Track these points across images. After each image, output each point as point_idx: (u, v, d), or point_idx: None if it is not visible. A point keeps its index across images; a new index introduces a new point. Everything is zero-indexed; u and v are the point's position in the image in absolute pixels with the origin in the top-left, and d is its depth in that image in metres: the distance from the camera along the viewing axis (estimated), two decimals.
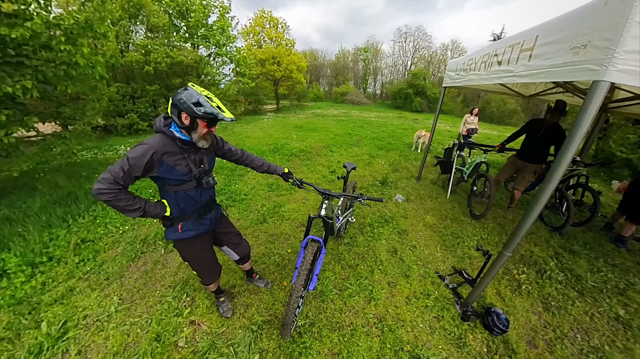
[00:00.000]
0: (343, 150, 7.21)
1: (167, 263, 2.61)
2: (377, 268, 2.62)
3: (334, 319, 2.03)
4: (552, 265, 2.87)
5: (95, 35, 3.92)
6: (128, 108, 8.99)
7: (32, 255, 2.56)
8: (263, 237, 3.03)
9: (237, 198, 3.98)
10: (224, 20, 12.16)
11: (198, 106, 1.25)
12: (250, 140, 7.92)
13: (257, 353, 1.74)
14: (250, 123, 11.84)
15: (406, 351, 1.84)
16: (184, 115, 1.27)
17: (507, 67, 2.34)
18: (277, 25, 18.89)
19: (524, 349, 1.95)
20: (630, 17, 1.19)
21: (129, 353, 1.75)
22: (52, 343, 1.79)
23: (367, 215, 3.64)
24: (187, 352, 1.75)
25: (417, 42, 35.50)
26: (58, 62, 3.49)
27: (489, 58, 2.78)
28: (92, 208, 3.50)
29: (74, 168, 4.96)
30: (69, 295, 2.19)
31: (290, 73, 18.29)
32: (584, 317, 2.27)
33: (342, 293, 2.28)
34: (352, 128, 10.82)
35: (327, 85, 40.82)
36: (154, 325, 1.92)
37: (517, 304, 2.35)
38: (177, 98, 1.26)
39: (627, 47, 1.24)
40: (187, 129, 1.32)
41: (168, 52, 9.49)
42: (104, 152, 6.41)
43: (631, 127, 7.13)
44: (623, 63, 1.26)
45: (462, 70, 3.61)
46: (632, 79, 1.28)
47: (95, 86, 4.35)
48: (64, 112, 4.24)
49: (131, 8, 8.95)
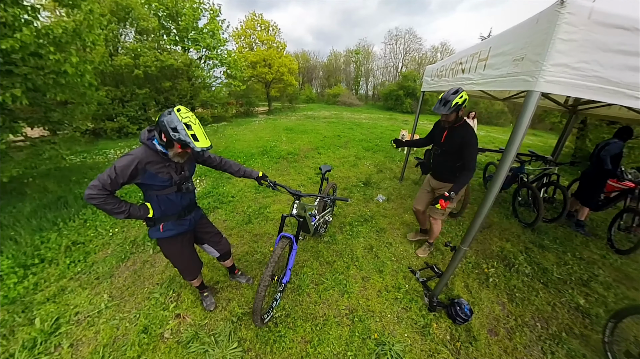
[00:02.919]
0: (331, 152, 7.41)
1: (156, 262, 2.76)
2: (353, 264, 2.82)
3: (309, 311, 2.22)
4: (521, 259, 3.10)
5: (84, 43, 4.03)
6: (117, 112, 9.00)
7: (24, 257, 2.68)
8: (247, 237, 3.20)
9: (224, 200, 4.14)
10: (214, 23, 12.25)
11: (174, 132, 1.40)
12: (240, 143, 8.05)
13: (236, 341, 1.92)
14: (241, 125, 11.95)
15: (373, 339, 2.03)
16: (162, 134, 1.45)
17: (468, 75, 2.56)
18: (268, 27, 19.03)
19: (485, 336, 2.13)
20: (555, 34, 1.37)
21: (118, 344, 1.91)
22: (45, 337, 1.93)
23: (348, 214, 3.84)
24: (172, 342, 1.91)
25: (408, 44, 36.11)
26: (47, 71, 3.59)
27: (456, 66, 3.00)
28: (82, 211, 3.61)
29: (63, 172, 5.02)
30: (60, 294, 2.32)
31: (282, 75, 18.46)
32: (546, 307, 2.47)
33: (318, 287, 2.47)
34: (342, 130, 11.04)
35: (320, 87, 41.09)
36: (141, 319, 2.08)
37: (483, 296, 2.55)
38: (161, 120, 1.43)
39: (553, 61, 1.42)
40: (165, 146, 1.50)
41: (158, 55, 9.55)
42: (93, 156, 6.45)
43: (606, 127, 7.55)
44: (550, 75, 1.44)
45: (436, 76, 3.84)
46: (559, 89, 1.47)
47: (84, 93, 4.45)
48: (52, 117, 4.32)
49: (120, 11, 8.98)
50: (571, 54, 1.40)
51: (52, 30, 3.47)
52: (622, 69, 1.40)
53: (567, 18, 1.35)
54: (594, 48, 1.38)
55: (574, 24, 1.35)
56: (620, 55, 1.38)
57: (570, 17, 1.34)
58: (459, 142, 2.36)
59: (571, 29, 1.36)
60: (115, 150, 7.06)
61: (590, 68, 1.42)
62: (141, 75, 9.16)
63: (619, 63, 1.39)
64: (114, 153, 6.77)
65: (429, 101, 25.85)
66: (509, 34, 1.90)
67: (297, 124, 12.37)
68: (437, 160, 2.70)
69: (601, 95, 1.45)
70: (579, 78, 1.44)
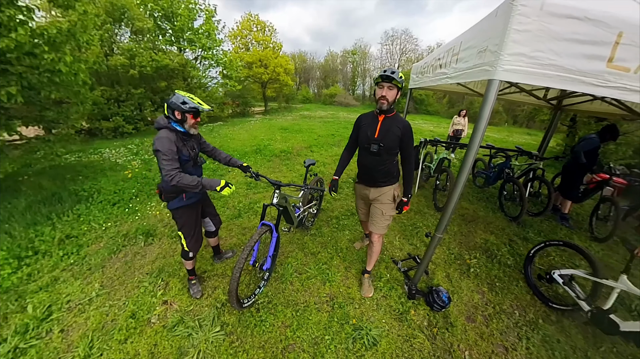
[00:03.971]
0: (324, 150, 7.50)
1: (146, 254, 2.85)
2: (336, 255, 2.90)
3: (291, 298, 2.30)
4: (504, 251, 3.17)
5: (78, 43, 4.12)
6: (113, 112, 9.08)
7: (19, 249, 2.76)
8: (236, 230, 3.29)
9: (216, 196, 4.21)
10: (209, 24, 12.35)
11: (184, 104, 1.77)
12: (234, 142, 8.14)
13: (219, 326, 2.00)
14: (236, 125, 12.04)
15: (351, 324, 2.10)
16: (176, 112, 1.79)
17: (444, 70, 2.64)
18: (264, 28, 19.16)
19: (462, 323, 2.19)
20: (510, 25, 1.46)
21: (106, 329, 1.99)
22: (37, 323, 2.01)
23: (336, 209, 3.93)
24: (158, 326, 2.00)
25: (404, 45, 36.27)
26: (42, 70, 3.67)
27: (435, 62, 3.09)
28: (76, 207, 3.69)
29: (57, 171, 5.10)
30: (53, 284, 2.41)
31: (278, 76, 18.57)
32: (525, 295, 2.53)
33: (301, 276, 2.56)
34: (337, 129, 11.13)
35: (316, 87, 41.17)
36: (130, 305, 2.16)
37: (464, 285, 2.61)
38: (170, 101, 1.79)
39: (510, 51, 1.50)
40: (180, 122, 1.83)
41: (153, 55, 9.63)
42: (88, 155, 6.52)
43: (594, 124, 7.68)
44: (508, 64, 1.52)
45: (420, 73, 3.94)
46: (517, 77, 1.55)
47: (79, 91, 4.53)
48: (47, 115, 4.40)
49: (115, 12, 9.06)
50: (526, 43, 1.48)
51: (46, 30, 3.55)
52: (577, 57, 1.47)
53: (520, 9, 1.43)
54: (548, 37, 1.46)
55: (527, 15, 1.44)
56: (573, 44, 1.45)
57: (523, 9, 1.43)
58: (399, 133, 1.96)
59: (525, 19, 1.45)
60: (110, 149, 7.13)
61: (546, 57, 1.50)
62: (137, 75, 9.25)
63: (573, 52, 1.47)
64: (109, 152, 6.84)
65: (425, 101, 26.11)
66: (476, 27, 1.99)
67: (293, 124, 12.46)
68: (368, 161, 2.12)
69: (559, 82, 1.53)
70: (536, 66, 1.52)
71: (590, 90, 1.49)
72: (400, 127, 1.97)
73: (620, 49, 1.40)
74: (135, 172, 5.18)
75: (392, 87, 1.89)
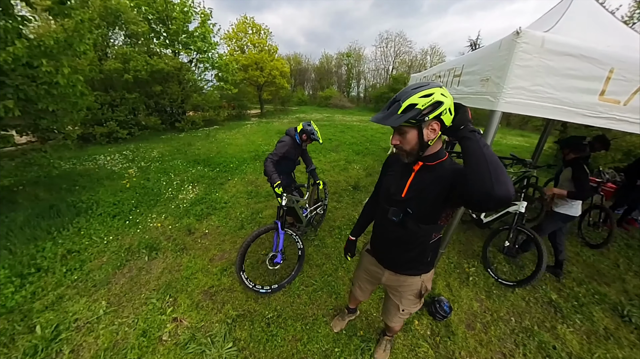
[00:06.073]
0: (322, 156, 7.55)
1: (151, 269, 2.85)
2: (341, 266, 2.97)
3: (299, 311, 2.36)
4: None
5: (75, 52, 4.08)
6: (107, 117, 8.93)
7: (20, 267, 2.73)
8: (240, 242, 3.31)
9: (217, 206, 4.24)
10: (205, 27, 12.27)
11: (312, 134, 2.77)
12: (232, 147, 8.12)
13: (231, 341, 2.04)
14: (233, 129, 11.99)
15: (359, 336, 2.18)
16: (304, 135, 2.77)
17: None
18: (259, 31, 19.07)
19: (462, 331, 2.29)
20: (512, 61, 1.57)
21: (118, 348, 2.00)
22: (46, 344, 2.00)
23: (338, 218, 4.00)
24: (170, 344, 2.02)
25: (398, 47, 36.56)
26: (39, 82, 3.63)
27: (435, 78, 3.21)
28: (76, 220, 3.66)
29: (53, 180, 5.00)
30: (59, 302, 2.39)
31: (274, 78, 18.53)
32: (521, 302, 2.65)
33: (308, 289, 2.62)
34: (333, 133, 11.20)
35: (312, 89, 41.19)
36: (140, 323, 2.18)
37: (463, 294, 2.72)
38: (307, 129, 2.75)
39: (512, 84, 1.62)
40: (301, 138, 2.81)
41: (148, 59, 9.52)
42: (82, 163, 6.37)
43: (585, 131, 7.95)
44: (509, 97, 1.65)
45: None
46: (518, 109, 1.67)
47: (76, 102, 4.47)
48: (41, 124, 4.31)
49: (109, 15, 8.94)
50: (527, 77, 1.60)
51: (43, 42, 3.51)
52: (572, 91, 1.60)
53: (523, 47, 1.54)
54: (547, 73, 1.58)
55: (529, 52, 1.55)
56: (569, 79, 1.58)
57: (526, 46, 1.54)
58: (445, 194, 1.14)
59: (526, 56, 1.56)
60: (105, 156, 6.96)
61: (544, 90, 1.62)
62: (131, 80, 9.13)
63: (569, 86, 1.60)
64: (104, 159, 6.69)
65: None
66: (478, 55, 2.09)
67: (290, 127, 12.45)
68: (388, 232, 1.38)
69: (556, 114, 1.65)
70: (535, 99, 1.64)
71: (583, 120, 1.60)
72: (448, 182, 1.12)
73: (612, 84, 1.51)
74: (133, 181, 5.13)
75: (402, 131, 1.11)
